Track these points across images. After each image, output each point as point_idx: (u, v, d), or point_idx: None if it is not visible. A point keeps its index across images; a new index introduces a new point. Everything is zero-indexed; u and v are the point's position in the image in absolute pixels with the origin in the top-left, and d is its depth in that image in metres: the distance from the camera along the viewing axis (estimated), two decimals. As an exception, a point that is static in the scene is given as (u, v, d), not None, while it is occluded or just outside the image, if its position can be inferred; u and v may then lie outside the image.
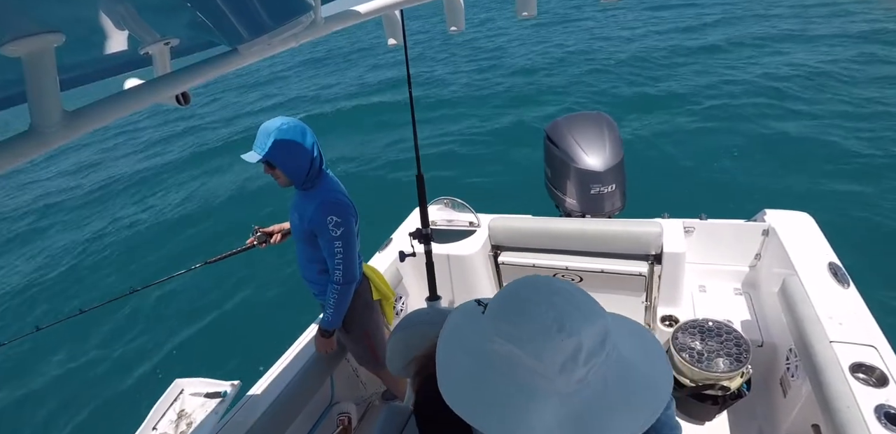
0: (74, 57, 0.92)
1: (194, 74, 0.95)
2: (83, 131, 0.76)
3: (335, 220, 1.88)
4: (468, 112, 10.75)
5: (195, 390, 2.10)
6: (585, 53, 13.61)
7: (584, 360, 0.59)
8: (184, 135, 14.75)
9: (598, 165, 2.57)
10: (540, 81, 11.95)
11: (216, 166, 10.97)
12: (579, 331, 0.59)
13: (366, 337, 2.28)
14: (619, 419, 0.60)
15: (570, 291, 0.64)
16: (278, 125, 1.86)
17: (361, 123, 11.53)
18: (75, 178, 13.29)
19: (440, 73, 14.66)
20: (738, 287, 2.71)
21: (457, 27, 1.71)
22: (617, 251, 2.45)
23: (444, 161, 8.19)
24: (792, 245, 2.28)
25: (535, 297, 0.63)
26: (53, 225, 10.22)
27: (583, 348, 0.59)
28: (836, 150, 6.10)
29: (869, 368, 1.58)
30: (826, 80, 8.39)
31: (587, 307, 0.63)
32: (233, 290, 6.15)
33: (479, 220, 2.88)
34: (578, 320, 0.60)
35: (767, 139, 6.72)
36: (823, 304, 1.88)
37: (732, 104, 8.16)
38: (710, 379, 1.96)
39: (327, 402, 2.51)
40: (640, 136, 7.54)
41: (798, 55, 9.96)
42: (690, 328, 2.13)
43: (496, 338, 0.63)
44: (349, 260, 1.96)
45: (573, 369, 0.59)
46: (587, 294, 0.66)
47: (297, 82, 18.87)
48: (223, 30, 1.02)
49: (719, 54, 11.22)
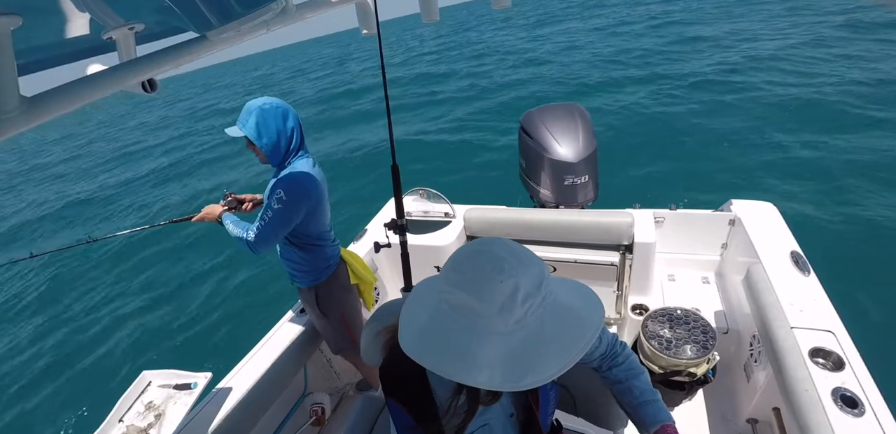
0: (33, 41, 0.89)
1: (161, 61, 0.92)
2: (43, 118, 0.73)
3: (281, 194, 1.86)
4: (444, 102, 10.71)
5: (164, 382, 2.06)
6: (563, 45, 13.65)
7: (521, 300, 0.66)
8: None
9: (572, 156, 2.60)
10: (516, 73, 11.96)
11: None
12: (516, 273, 0.67)
13: (342, 320, 2.28)
14: (553, 354, 0.68)
15: (508, 242, 0.73)
16: (260, 104, 1.89)
17: (337, 114, 11.40)
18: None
19: (418, 64, 14.55)
20: (706, 276, 2.78)
21: (431, 18, 1.69)
22: (590, 241, 2.48)
23: (419, 152, 8.17)
24: (756, 234, 2.34)
25: (480, 248, 0.72)
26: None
27: (520, 289, 0.67)
28: (800, 141, 6.26)
29: (826, 353, 1.64)
30: (791, 65, 8.60)
31: (524, 255, 0.71)
32: (204, 277, 6.06)
33: (455, 210, 2.89)
34: (515, 265, 0.68)
35: (735, 130, 6.87)
36: (785, 291, 1.94)
37: (706, 96, 8.30)
38: (678, 365, 2.01)
39: (301, 393, 2.50)
40: (612, 126, 7.63)
41: (766, 44, 10.17)
42: (660, 316, 2.17)
43: (446, 287, 0.71)
44: (268, 230, 1.91)
45: (511, 309, 0.66)
46: (527, 250, 0.73)
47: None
48: (191, 16, 0.99)
49: (690, 45, 11.37)
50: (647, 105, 8.41)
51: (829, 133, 6.25)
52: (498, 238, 0.75)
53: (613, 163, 5.99)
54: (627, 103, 8.61)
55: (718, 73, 9.28)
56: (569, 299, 0.74)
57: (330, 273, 2.20)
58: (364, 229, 2.98)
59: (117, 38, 0.98)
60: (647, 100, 8.65)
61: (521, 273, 0.67)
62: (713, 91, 8.43)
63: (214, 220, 2.13)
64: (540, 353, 0.67)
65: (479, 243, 0.74)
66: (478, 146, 8.10)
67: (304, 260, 2.13)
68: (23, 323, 6.15)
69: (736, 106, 7.62)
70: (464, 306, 0.68)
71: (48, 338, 5.70)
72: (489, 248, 0.71)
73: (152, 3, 0.95)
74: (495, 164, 6.95)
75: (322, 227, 2.11)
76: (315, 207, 2.00)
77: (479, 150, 7.91)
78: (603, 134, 6.73)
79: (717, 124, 7.13)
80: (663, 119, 7.78)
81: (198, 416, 1.92)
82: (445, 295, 0.71)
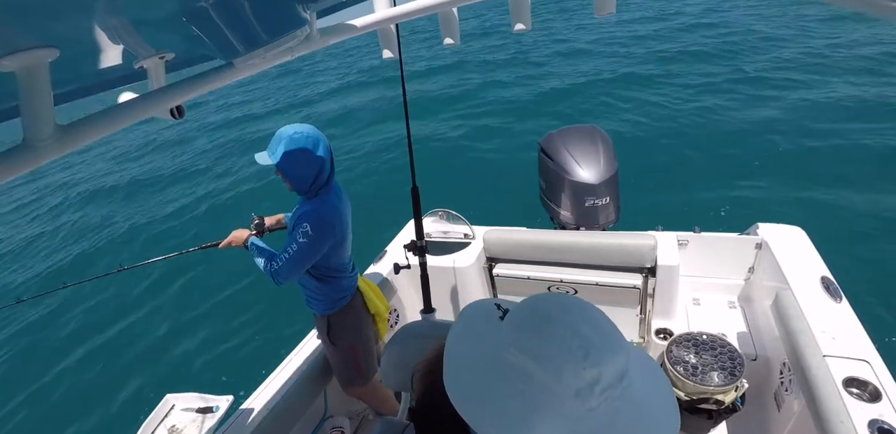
0: (69, 71, 0.92)
1: (189, 88, 0.95)
2: (77, 145, 0.76)
3: (307, 229, 1.87)
4: (464, 124, 10.81)
5: (187, 405, 2.07)
6: (581, 66, 13.75)
7: (600, 390, 0.59)
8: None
9: (593, 178, 2.58)
10: (536, 94, 12.05)
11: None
12: (602, 362, 0.59)
13: (351, 351, 2.26)
14: None
15: (599, 320, 0.64)
16: (291, 133, 1.87)
17: (357, 133, 11.59)
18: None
19: (435, 84, 14.78)
20: (732, 300, 2.71)
21: (452, 40, 1.72)
22: (611, 264, 2.45)
23: (439, 173, 8.21)
24: (785, 259, 2.29)
25: (564, 318, 0.63)
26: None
27: (601, 380, 0.59)
28: (828, 163, 6.14)
29: (862, 383, 1.58)
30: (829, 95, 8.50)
31: (613, 339, 0.62)
32: (226, 300, 6.11)
33: (474, 232, 2.88)
34: (603, 351, 0.60)
35: (762, 152, 6.77)
36: (816, 318, 1.88)
37: (728, 117, 8.23)
38: (705, 392, 1.95)
39: (321, 416, 2.48)
40: (634, 148, 7.59)
41: (791, 59, 10.09)
42: (685, 341, 2.12)
43: (514, 349, 0.62)
44: (291, 264, 1.92)
45: (588, 397, 0.58)
46: (613, 325, 0.65)
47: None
48: (218, 44, 1.02)
49: (708, 63, 11.35)
50: (672, 120, 8.39)
51: (866, 153, 6.13)
52: (577, 300, 0.67)
53: (636, 185, 5.95)
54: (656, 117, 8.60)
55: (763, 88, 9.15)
56: (645, 390, 0.66)
57: (345, 303, 2.19)
58: (384, 251, 2.99)
59: (148, 66, 1.02)
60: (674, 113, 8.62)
61: (608, 361, 0.59)
62: (746, 105, 8.37)
63: (241, 245, 2.15)
64: None
65: (561, 307, 0.65)
66: (496, 166, 8.14)
67: (320, 289, 2.13)
68: (52, 348, 6.26)
69: (764, 124, 7.54)
70: (532, 378, 0.60)
71: (71, 361, 5.78)
72: (570, 318, 0.63)
73: (182, 32, 0.98)
74: (514, 185, 6.94)
75: (342, 259, 2.11)
76: (340, 241, 2.01)
77: (498, 170, 7.93)
78: (627, 156, 6.71)
79: (745, 145, 7.05)
80: (691, 134, 7.74)
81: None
82: (511, 357, 0.62)
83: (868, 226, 4.83)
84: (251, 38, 1.00)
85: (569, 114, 10.04)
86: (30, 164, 0.72)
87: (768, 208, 5.37)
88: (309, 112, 14.93)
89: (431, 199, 2.67)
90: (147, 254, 7.95)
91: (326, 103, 15.66)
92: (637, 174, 6.29)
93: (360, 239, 2.15)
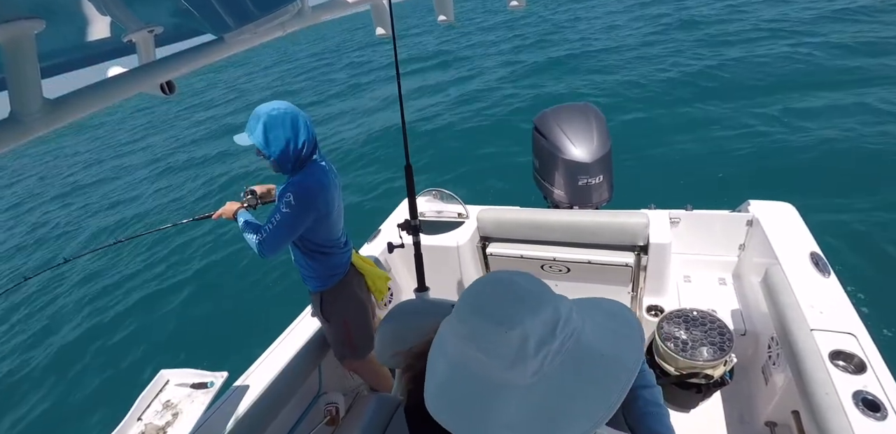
0: (56, 44, 0.90)
1: (179, 63, 0.93)
2: (65, 120, 0.75)
3: (290, 199, 1.84)
4: (458, 102, 10.72)
5: (181, 381, 2.08)
6: (575, 44, 13.60)
7: (533, 350, 0.58)
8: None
9: (586, 156, 2.58)
10: (529, 72, 11.93)
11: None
12: (521, 322, 0.58)
13: (344, 327, 2.27)
14: (583, 407, 0.59)
15: (515, 282, 0.64)
16: (268, 110, 1.82)
17: (350, 112, 11.47)
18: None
19: (431, 62, 14.59)
20: (723, 277, 2.75)
21: (446, 17, 1.69)
22: (604, 242, 2.46)
23: (433, 152, 8.18)
24: (775, 235, 2.31)
25: (483, 289, 0.64)
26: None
27: (529, 338, 0.58)
28: (820, 141, 6.16)
29: (848, 356, 1.61)
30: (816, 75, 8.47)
31: (531, 297, 0.62)
32: (220, 276, 6.13)
33: (468, 211, 2.88)
34: (520, 312, 0.59)
35: (753, 130, 6.77)
36: (805, 292, 1.91)
37: (720, 95, 8.20)
38: (695, 367, 1.99)
39: (315, 393, 2.51)
40: (627, 127, 7.57)
41: (782, 47, 10.03)
42: (675, 318, 2.15)
43: (454, 339, 0.64)
44: (274, 236, 1.90)
45: (524, 361, 0.58)
46: (538, 283, 0.65)
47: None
48: (208, 18, 1.00)
49: (706, 47, 11.26)
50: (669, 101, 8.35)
51: (856, 134, 6.14)
52: (504, 273, 0.67)
53: (629, 163, 5.95)
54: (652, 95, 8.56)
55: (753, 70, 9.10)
56: (596, 336, 0.65)
57: (337, 280, 2.19)
58: (378, 230, 2.99)
59: (137, 40, 1.00)
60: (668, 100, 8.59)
61: (527, 318, 0.59)
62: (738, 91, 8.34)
63: (231, 217, 2.14)
64: (564, 410, 0.59)
65: (483, 283, 0.66)
66: (490, 145, 8.10)
67: (311, 266, 2.13)
68: (47, 322, 6.28)
69: (759, 105, 7.53)
70: (475, 359, 0.61)
71: (68, 337, 5.80)
72: (491, 289, 0.64)
73: (171, 5, 0.96)
74: (508, 164, 6.93)
75: (330, 234, 2.09)
76: (325, 215, 1.99)
77: (492, 149, 7.90)
78: (620, 134, 6.70)
79: (737, 124, 7.04)
80: (683, 114, 7.72)
81: (214, 414, 1.94)
82: (456, 347, 0.63)
83: (860, 202, 4.87)
84: (242, 13, 0.98)
85: (562, 93, 9.98)
86: (16, 138, 0.70)
87: (759, 185, 5.40)
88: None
89: (425, 178, 2.66)
90: (141, 227, 7.99)
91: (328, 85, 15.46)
92: (629, 151, 6.29)
93: (353, 218, 2.14)
